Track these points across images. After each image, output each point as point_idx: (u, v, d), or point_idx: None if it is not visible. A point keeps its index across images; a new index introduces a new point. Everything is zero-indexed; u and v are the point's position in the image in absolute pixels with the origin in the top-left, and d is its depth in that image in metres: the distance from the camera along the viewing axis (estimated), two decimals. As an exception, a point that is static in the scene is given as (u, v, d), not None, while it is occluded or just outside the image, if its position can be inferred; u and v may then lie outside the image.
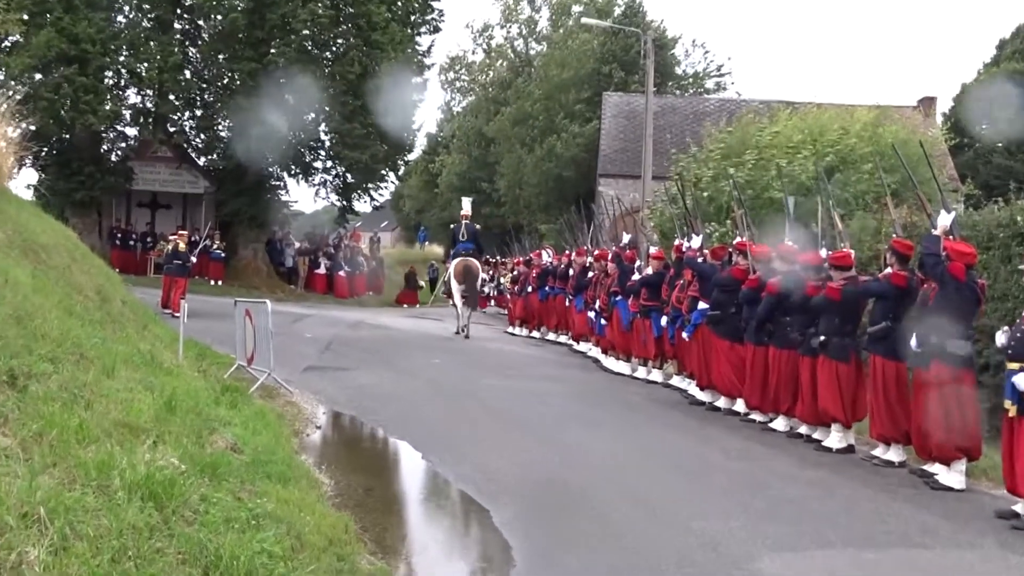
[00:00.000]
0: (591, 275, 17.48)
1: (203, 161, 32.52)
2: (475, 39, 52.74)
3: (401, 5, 30.87)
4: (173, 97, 29.25)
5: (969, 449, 8.20)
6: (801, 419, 10.13)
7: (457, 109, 56.12)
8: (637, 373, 14.77)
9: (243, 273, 30.79)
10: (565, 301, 19.66)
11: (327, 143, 31.51)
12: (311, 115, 30.25)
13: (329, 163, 32.15)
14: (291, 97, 28.49)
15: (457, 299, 20.15)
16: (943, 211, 8.50)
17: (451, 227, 23.59)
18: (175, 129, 30.51)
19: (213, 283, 28.74)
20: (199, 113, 30.76)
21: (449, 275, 21.15)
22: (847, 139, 18.84)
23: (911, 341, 8.41)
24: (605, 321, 16.02)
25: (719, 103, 36.78)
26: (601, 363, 16.23)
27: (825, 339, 9.56)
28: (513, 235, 33.69)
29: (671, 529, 6.55)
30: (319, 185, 32.59)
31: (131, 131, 30.85)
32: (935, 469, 8.30)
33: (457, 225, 21.29)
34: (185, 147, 31.47)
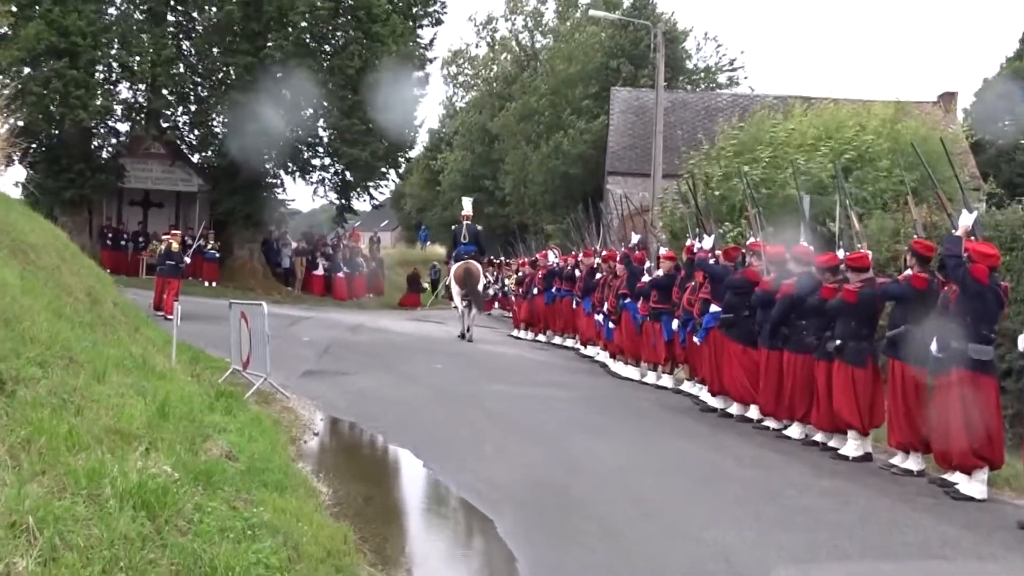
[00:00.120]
0: (599, 277, 17.46)
1: (197, 158, 32.58)
2: (478, 32, 53.05)
3: (402, -4, 30.95)
4: (166, 92, 29.29)
5: (991, 457, 8.18)
6: (816, 426, 10.12)
7: (460, 104, 56.29)
8: (646, 378, 14.76)
9: (238, 274, 30.84)
10: (572, 304, 19.65)
11: (325, 139, 31.58)
12: (309, 110, 30.32)
13: (327, 160, 32.22)
14: (288, 92, 28.54)
15: (458, 302, 20.16)
16: (964, 211, 8.48)
17: (452, 228, 23.62)
18: (168, 125, 30.59)
19: (207, 284, 28.81)
20: (193, 108, 30.80)
21: (450, 279, 21.20)
22: (864, 135, 18.83)
23: (931, 345, 8.39)
24: (613, 324, 16.00)
25: (732, 98, 36.79)
26: (609, 368, 16.22)
27: (841, 343, 9.54)
28: (518, 235, 33.69)
29: (681, 539, 6.55)
30: (317, 183, 32.71)
31: (123, 127, 31.01)
32: (955, 478, 8.28)
33: (458, 226, 21.31)
34: (178, 144, 31.51)
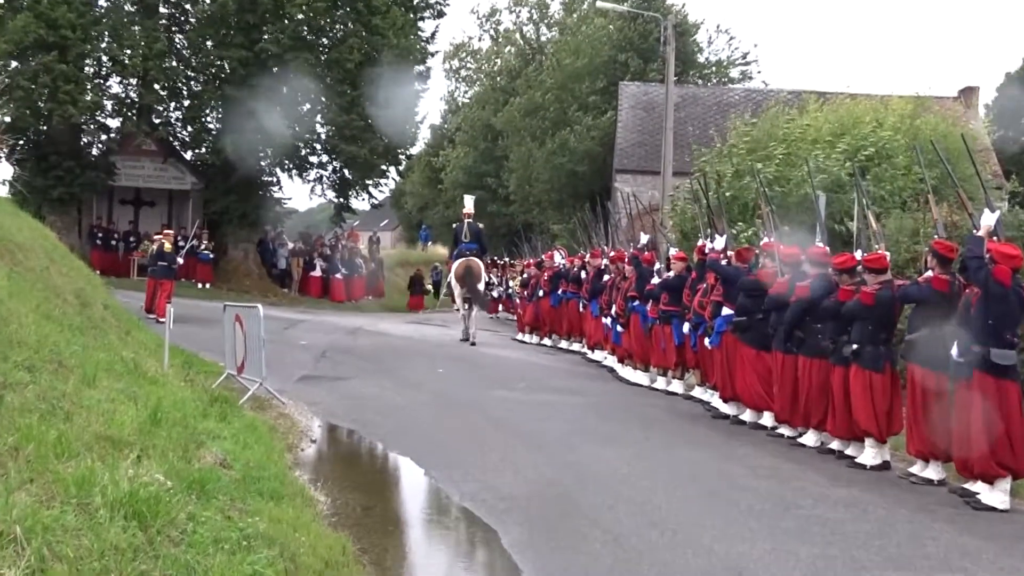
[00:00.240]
0: (607, 278, 17.47)
1: (190, 155, 32.63)
2: (481, 24, 53.07)
3: (403, -13, 30.99)
4: (158, 87, 29.38)
5: (1013, 466, 8.17)
6: (833, 434, 10.11)
7: (462, 100, 56.30)
8: (656, 384, 14.76)
9: (233, 275, 30.90)
10: (579, 306, 19.66)
11: (323, 136, 31.60)
12: (306, 106, 30.36)
13: (325, 157, 32.27)
14: (285, 87, 28.59)
15: (460, 303, 20.15)
16: (987, 210, 8.47)
17: (453, 227, 23.63)
18: (160, 121, 30.64)
19: (201, 286, 28.86)
20: (186, 104, 30.90)
21: (451, 278, 21.19)
22: (881, 131, 18.81)
23: (951, 350, 8.39)
24: (622, 328, 16.00)
25: (744, 93, 36.76)
26: (617, 373, 16.22)
27: (858, 347, 9.54)
28: (523, 235, 33.65)
29: (692, 551, 6.55)
30: (315, 181, 32.78)
31: (113, 123, 31.03)
32: (977, 488, 8.27)
33: (459, 224, 21.33)
34: (171, 140, 31.55)
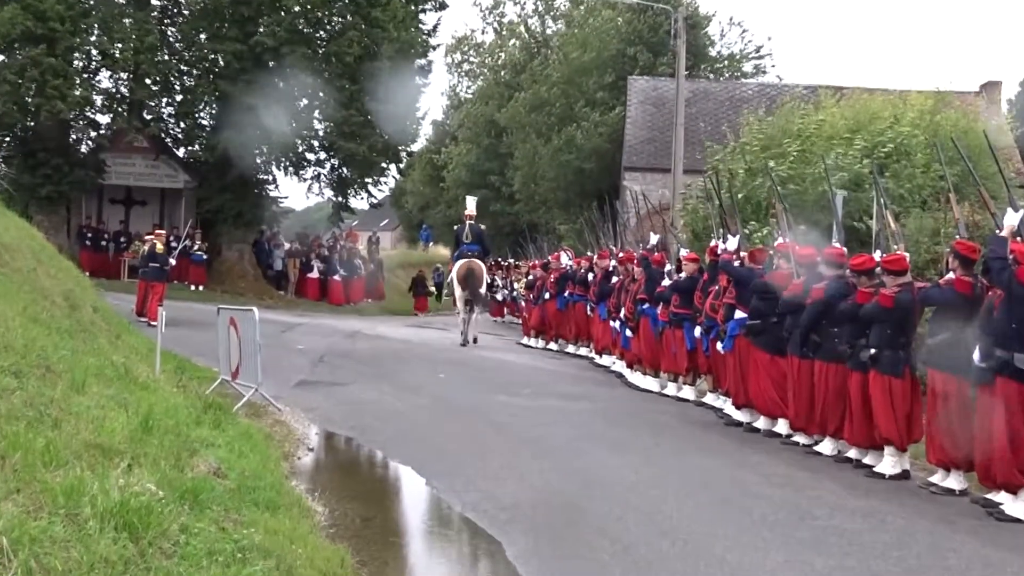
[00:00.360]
0: (615, 280, 17.45)
1: (183, 153, 32.63)
2: (484, 17, 53.04)
3: (403, -22, 30.99)
4: (149, 81, 29.35)
5: (1039, 476, 8.16)
6: (850, 441, 10.09)
7: (465, 95, 56.29)
8: (666, 390, 14.75)
9: (227, 277, 30.89)
10: (586, 309, 19.64)
11: (321, 133, 31.57)
12: (303, 101, 30.33)
13: (323, 155, 32.25)
14: (281, 82, 28.59)
15: (460, 305, 20.16)
16: (1010, 209, 8.45)
17: (454, 228, 23.69)
18: (152, 117, 30.63)
19: (194, 288, 28.86)
20: (179, 99, 30.87)
21: (452, 279, 21.21)
22: (900, 128, 18.78)
23: (974, 354, 8.38)
24: (631, 332, 15.99)
25: (758, 88, 36.79)
26: (626, 379, 16.22)
27: (876, 352, 9.52)
28: (528, 235, 33.63)
29: (703, 562, 6.54)
30: (312, 179, 32.72)
31: (103, 119, 31.01)
32: (1000, 498, 8.26)
33: (461, 226, 21.39)
34: (163, 137, 31.57)
